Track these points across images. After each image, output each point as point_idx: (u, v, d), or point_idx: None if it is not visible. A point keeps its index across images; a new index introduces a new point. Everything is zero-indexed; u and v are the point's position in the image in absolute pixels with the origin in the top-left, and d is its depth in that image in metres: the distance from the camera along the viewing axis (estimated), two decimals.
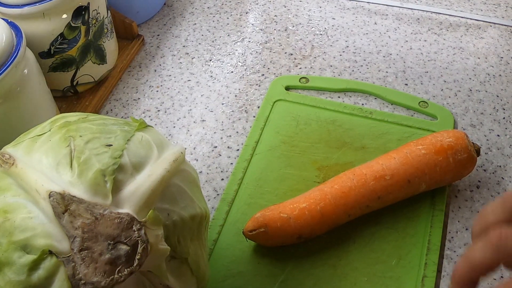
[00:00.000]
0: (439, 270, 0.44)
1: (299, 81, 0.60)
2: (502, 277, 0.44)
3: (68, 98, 0.59)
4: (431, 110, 0.56)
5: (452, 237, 0.47)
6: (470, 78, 0.61)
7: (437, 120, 0.55)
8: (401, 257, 0.44)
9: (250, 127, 0.57)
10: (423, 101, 0.56)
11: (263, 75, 0.62)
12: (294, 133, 0.54)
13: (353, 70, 0.62)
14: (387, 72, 0.62)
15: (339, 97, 0.59)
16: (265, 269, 0.45)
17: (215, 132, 0.56)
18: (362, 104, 0.58)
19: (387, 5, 0.71)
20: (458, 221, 0.48)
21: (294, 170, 0.51)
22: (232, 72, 0.63)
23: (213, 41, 0.67)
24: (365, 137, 0.53)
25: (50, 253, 0.28)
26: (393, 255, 0.45)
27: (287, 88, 0.59)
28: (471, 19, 0.68)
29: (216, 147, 0.55)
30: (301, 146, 0.53)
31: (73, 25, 0.53)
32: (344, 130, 0.54)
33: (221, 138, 0.56)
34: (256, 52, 0.66)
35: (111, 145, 0.32)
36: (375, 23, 0.69)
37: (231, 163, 0.53)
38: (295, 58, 0.64)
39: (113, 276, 0.28)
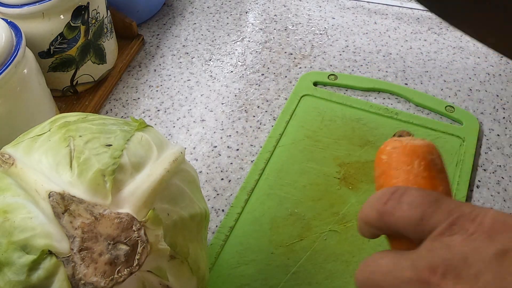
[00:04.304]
0: None
1: (328, 77, 0.60)
2: None
3: (68, 98, 0.59)
4: (457, 115, 0.56)
5: None
6: (470, 78, 0.61)
7: (463, 126, 0.54)
8: None
9: (250, 126, 0.57)
10: (449, 106, 0.56)
11: (263, 74, 0.62)
12: (318, 128, 0.55)
13: (353, 70, 0.62)
14: (387, 71, 0.62)
15: (366, 96, 0.59)
16: (278, 259, 0.45)
17: (215, 132, 0.56)
18: (390, 105, 0.58)
19: (387, 4, 0.71)
20: None
21: (316, 164, 0.51)
22: (231, 71, 0.63)
23: (212, 41, 0.67)
24: (389, 137, 0.53)
25: (50, 253, 0.28)
26: None
27: (315, 84, 0.60)
28: None
29: (216, 146, 0.55)
30: (324, 141, 0.53)
31: (72, 25, 0.53)
32: (368, 129, 0.54)
33: (221, 137, 0.56)
34: (256, 51, 0.66)
35: (111, 145, 0.32)
36: (375, 23, 0.69)
37: (231, 163, 0.53)
38: (294, 58, 0.64)
39: (112, 276, 0.28)
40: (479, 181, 0.51)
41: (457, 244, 0.23)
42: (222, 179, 0.52)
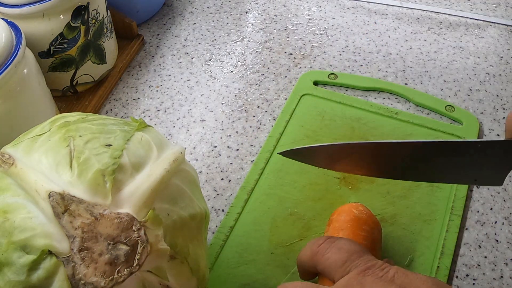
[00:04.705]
0: (451, 275, 0.44)
1: (328, 77, 0.60)
2: (502, 276, 0.44)
3: (68, 98, 0.59)
4: (457, 115, 0.55)
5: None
6: (470, 78, 0.61)
7: (463, 125, 0.54)
8: (414, 259, 0.44)
9: (250, 126, 0.57)
10: (449, 105, 0.56)
11: (263, 74, 0.62)
12: (318, 127, 0.55)
13: (352, 70, 0.62)
14: (386, 71, 0.62)
15: (366, 95, 0.59)
16: (278, 259, 0.45)
17: (214, 132, 0.56)
18: (390, 104, 0.58)
19: (387, 4, 0.71)
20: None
21: None
22: (231, 71, 0.63)
23: (212, 41, 0.67)
24: (389, 137, 0.53)
25: (50, 253, 0.28)
26: (406, 256, 0.45)
27: (316, 83, 0.60)
28: (471, 18, 0.68)
29: (215, 146, 0.55)
30: (324, 141, 0.54)
31: (72, 25, 0.53)
32: (368, 128, 0.54)
33: (221, 138, 0.56)
34: (256, 51, 0.66)
35: (111, 145, 0.32)
36: (375, 23, 0.69)
37: (231, 163, 0.53)
38: (294, 58, 0.64)
39: (112, 276, 0.28)
40: None
41: (368, 283, 0.31)
42: (222, 179, 0.52)
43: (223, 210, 0.49)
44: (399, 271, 0.32)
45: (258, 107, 0.59)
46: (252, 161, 0.53)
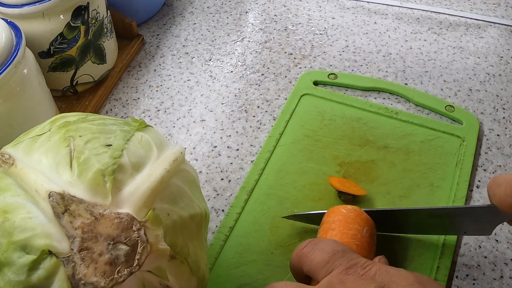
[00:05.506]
0: (451, 275, 0.44)
1: (328, 77, 0.60)
2: (502, 276, 0.44)
3: (68, 98, 0.59)
4: (457, 114, 0.55)
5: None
6: (470, 78, 0.61)
7: (463, 125, 0.54)
8: (413, 259, 0.44)
9: (250, 126, 0.57)
10: (449, 105, 0.56)
11: (263, 74, 0.62)
12: (318, 127, 0.55)
13: (352, 70, 0.62)
14: (387, 71, 0.62)
15: (366, 95, 0.59)
16: (278, 259, 0.45)
17: (214, 132, 0.56)
18: (390, 104, 0.58)
19: (387, 4, 0.71)
20: None
21: (315, 164, 0.51)
22: (231, 71, 0.63)
23: (212, 41, 0.67)
24: (389, 136, 0.53)
25: (50, 253, 0.28)
26: (405, 256, 0.45)
27: (315, 83, 0.60)
28: (471, 18, 0.68)
29: (216, 147, 0.55)
30: (324, 141, 0.53)
31: (72, 24, 0.53)
32: (368, 128, 0.54)
33: (221, 138, 0.56)
34: (256, 51, 0.66)
35: (111, 145, 0.32)
36: (375, 23, 0.69)
37: (231, 163, 0.53)
38: (294, 58, 0.64)
39: (112, 276, 0.28)
40: (479, 181, 0.51)
41: (349, 281, 0.31)
42: (222, 179, 0.52)
43: (223, 210, 0.49)
44: (381, 268, 0.32)
45: (258, 107, 0.59)
46: (252, 161, 0.53)
